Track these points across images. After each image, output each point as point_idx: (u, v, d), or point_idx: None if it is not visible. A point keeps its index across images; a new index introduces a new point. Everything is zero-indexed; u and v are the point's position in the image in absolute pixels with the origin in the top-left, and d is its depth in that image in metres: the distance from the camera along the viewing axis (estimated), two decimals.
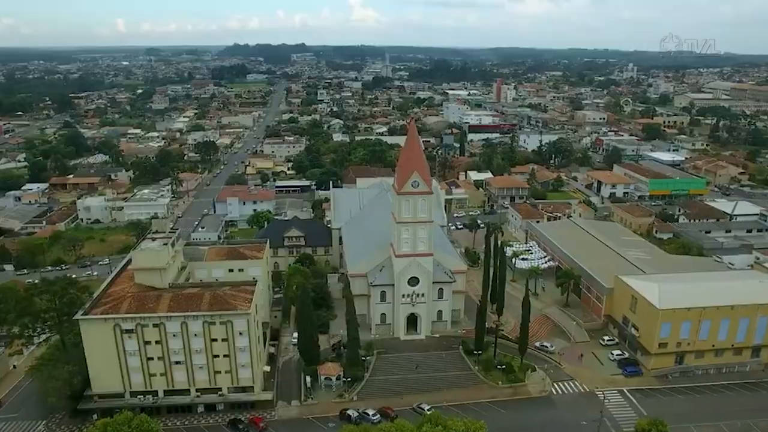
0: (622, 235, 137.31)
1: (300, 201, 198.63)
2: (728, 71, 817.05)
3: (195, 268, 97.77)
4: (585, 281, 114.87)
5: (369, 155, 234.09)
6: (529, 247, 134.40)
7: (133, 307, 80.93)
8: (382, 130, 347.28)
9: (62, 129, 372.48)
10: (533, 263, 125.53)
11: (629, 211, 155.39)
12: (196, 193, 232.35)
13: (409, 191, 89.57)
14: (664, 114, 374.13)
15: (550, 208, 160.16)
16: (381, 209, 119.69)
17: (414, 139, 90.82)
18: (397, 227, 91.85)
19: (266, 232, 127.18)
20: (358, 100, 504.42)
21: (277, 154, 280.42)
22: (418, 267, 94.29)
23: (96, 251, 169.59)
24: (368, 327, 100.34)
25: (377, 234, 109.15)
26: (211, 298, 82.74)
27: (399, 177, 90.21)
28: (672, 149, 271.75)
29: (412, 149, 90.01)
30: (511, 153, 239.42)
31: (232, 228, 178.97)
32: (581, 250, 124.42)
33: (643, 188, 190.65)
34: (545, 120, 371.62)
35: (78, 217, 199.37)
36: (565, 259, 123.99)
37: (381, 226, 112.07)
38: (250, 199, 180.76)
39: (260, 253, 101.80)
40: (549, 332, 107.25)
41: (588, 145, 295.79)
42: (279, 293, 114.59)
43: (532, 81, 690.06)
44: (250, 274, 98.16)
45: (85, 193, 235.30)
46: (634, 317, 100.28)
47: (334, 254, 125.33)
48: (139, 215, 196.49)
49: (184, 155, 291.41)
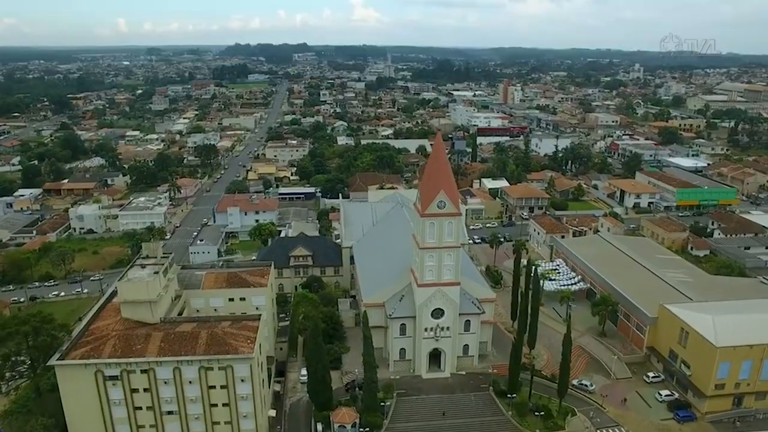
0: (656, 252, 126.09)
1: (305, 210, 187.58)
2: (735, 72, 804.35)
3: (191, 297, 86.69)
4: (623, 308, 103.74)
5: (376, 161, 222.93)
6: (556, 266, 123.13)
7: (117, 350, 69.95)
8: (387, 133, 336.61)
9: (59, 131, 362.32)
10: (562, 285, 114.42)
11: (661, 225, 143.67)
12: (196, 199, 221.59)
13: (434, 213, 78.47)
14: (678, 117, 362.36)
15: (575, 221, 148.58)
16: (397, 226, 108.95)
17: (440, 153, 79.69)
18: (420, 253, 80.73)
19: (270, 250, 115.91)
20: (361, 101, 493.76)
21: (279, 158, 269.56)
22: (444, 297, 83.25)
23: (88, 265, 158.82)
24: (385, 363, 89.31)
25: (394, 256, 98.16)
26: (209, 338, 71.72)
27: (423, 196, 79.04)
28: (691, 154, 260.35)
29: (438, 165, 78.80)
30: (526, 159, 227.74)
31: (233, 240, 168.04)
32: (615, 271, 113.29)
33: (669, 198, 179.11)
34: (555, 122, 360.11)
35: (70, 227, 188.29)
36: (598, 281, 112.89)
37: (398, 245, 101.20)
38: (251, 209, 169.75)
39: (264, 279, 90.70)
40: (586, 366, 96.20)
41: (602, 149, 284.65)
42: (284, 320, 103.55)
43: (537, 81, 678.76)
44: (253, 304, 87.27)
45: (80, 199, 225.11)
46: (684, 353, 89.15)
47: (345, 274, 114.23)
48: (135, 225, 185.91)
49: (184, 159, 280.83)
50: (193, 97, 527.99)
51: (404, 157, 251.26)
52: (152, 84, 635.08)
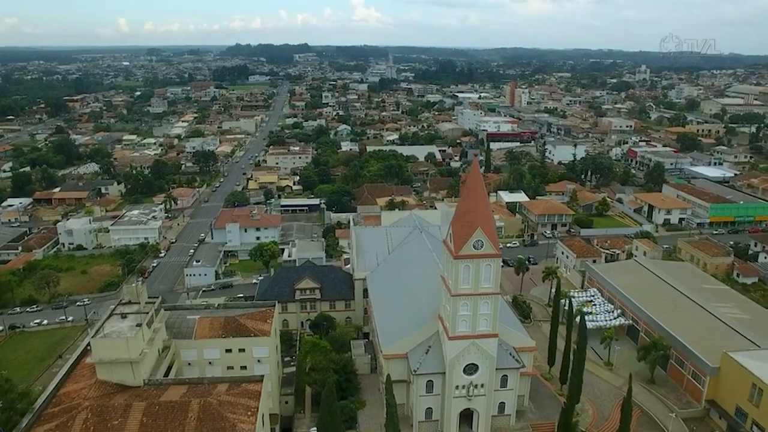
0: (701, 281, 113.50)
1: (309, 226, 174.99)
2: (741, 73, 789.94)
3: (181, 348, 74.22)
4: (675, 351, 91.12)
5: (384, 171, 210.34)
6: (591, 296, 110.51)
7: (90, 426, 57.44)
8: (392, 138, 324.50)
9: (54, 135, 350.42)
10: (601, 321, 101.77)
11: (701, 248, 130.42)
12: (193, 211, 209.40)
13: (469, 254, 65.95)
14: (693, 121, 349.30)
15: (607, 243, 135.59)
16: (416, 255, 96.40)
17: (477, 184, 67.09)
18: (452, 302, 68.17)
19: (273, 282, 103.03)
20: (364, 104, 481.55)
21: (281, 165, 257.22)
22: (479, 351, 70.74)
23: (75, 286, 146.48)
24: (408, 422, 76.75)
25: (415, 293, 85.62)
26: (201, 411, 59.09)
27: (456, 234, 66.48)
28: (713, 162, 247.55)
29: (475, 197, 66.26)
30: (542, 168, 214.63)
31: (232, 259, 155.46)
32: (660, 305, 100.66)
33: (701, 214, 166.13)
34: (567, 127, 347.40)
35: (59, 242, 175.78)
36: (642, 316, 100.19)
37: (419, 280, 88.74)
38: (252, 225, 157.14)
39: (266, 324, 78.12)
40: (637, 422, 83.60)
41: (619, 156, 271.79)
42: (290, 364, 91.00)
43: (542, 83, 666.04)
44: (255, 356, 74.85)
45: (72, 209, 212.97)
46: (755, 412, 76.59)
47: (357, 309, 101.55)
48: (128, 240, 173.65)
49: (181, 166, 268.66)
50: (193, 99, 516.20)
51: (413, 166, 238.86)
52: (151, 85, 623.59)
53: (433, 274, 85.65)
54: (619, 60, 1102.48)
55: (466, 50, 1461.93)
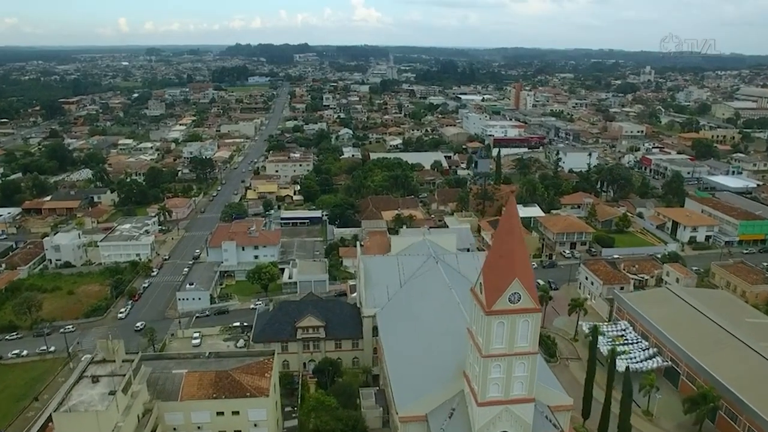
0: (743, 313, 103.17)
1: (311, 242, 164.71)
2: (747, 74, 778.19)
3: (165, 411, 63.90)
4: (725, 402, 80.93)
5: (390, 182, 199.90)
6: (622, 331, 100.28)
7: None
8: (396, 143, 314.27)
9: (48, 139, 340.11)
10: (635, 360, 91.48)
11: (738, 274, 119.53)
12: (189, 223, 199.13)
13: (504, 309, 55.65)
14: (706, 126, 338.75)
15: (635, 267, 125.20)
16: (433, 292, 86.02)
17: (514, 225, 56.70)
18: (482, 363, 57.83)
19: (272, 319, 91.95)
20: (366, 105, 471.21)
21: (281, 173, 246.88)
22: (512, 418, 60.48)
23: (60, 310, 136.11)
24: None
25: (434, 340, 75.30)
26: None
27: (488, 286, 56.21)
28: (732, 171, 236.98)
29: (511, 242, 55.91)
30: (555, 179, 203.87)
31: (228, 280, 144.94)
32: (701, 344, 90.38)
33: (730, 231, 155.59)
34: (576, 132, 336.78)
35: (45, 258, 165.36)
36: (683, 358, 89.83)
37: (438, 324, 78.46)
38: (250, 243, 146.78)
39: (264, 380, 67.78)
40: None
41: (631, 164, 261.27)
42: (292, 415, 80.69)
43: (546, 84, 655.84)
44: (250, 419, 64.69)
45: (63, 220, 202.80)
46: None
47: (366, 348, 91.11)
48: (118, 257, 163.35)
49: (177, 173, 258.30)
50: (191, 102, 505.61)
51: (419, 175, 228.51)
52: (150, 86, 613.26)
53: (454, 316, 75.59)
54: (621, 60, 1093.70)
55: (467, 50, 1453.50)
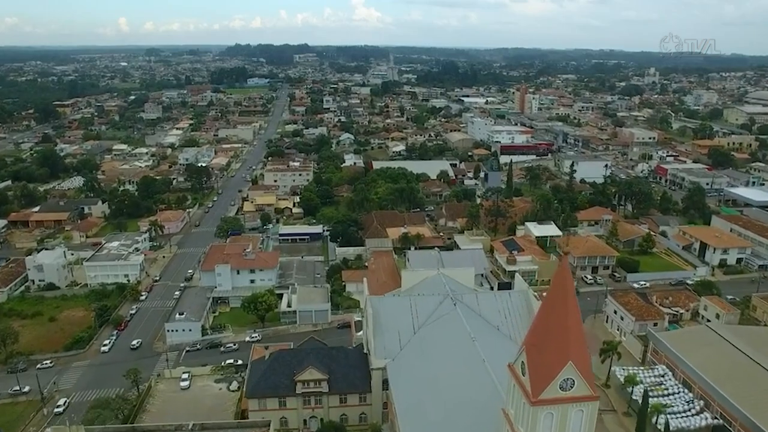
0: None
1: (311, 263, 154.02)
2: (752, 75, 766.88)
3: None
4: None
5: (395, 195, 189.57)
6: (660, 377, 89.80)
7: None
8: (399, 149, 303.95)
9: (40, 144, 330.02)
10: (680, 416, 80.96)
11: None
12: (182, 238, 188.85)
13: (554, 398, 45.39)
14: (719, 132, 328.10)
15: (668, 300, 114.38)
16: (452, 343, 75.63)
17: (567, 290, 46.44)
18: None
19: (268, 371, 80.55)
20: (367, 108, 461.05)
21: (280, 183, 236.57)
22: None
23: (39, 340, 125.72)
24: None
25: (456, 405, 64.99)
26: None
27: (534, 370, 45.70)
28: (753, 182, 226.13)
29: (564, 312, 45.33)
30: (570, 192, 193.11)
31: (222, 307, 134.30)
32: (756, 398, 79.84)
33: (763, 253, 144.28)
34: (585, 138, 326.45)
35: (28, 278, 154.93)
36: (738, 416, 78.30)
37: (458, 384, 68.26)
38: (245, 266, 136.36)
39: None
40: None
41: (645, 173, 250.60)
42: None
43: (549, 86, 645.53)
44: None
45: (50, 233, 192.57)
46: None
47: (375, 403, 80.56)
48: (105, 278, 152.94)
49: (172, 182, 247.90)
50: (189, 104, 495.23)
51: (425, 186, 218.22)
52: (147, 88, 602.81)
53: (478, 376, 65.41)
54: (622, 60, 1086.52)
55: (467, 50, 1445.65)
